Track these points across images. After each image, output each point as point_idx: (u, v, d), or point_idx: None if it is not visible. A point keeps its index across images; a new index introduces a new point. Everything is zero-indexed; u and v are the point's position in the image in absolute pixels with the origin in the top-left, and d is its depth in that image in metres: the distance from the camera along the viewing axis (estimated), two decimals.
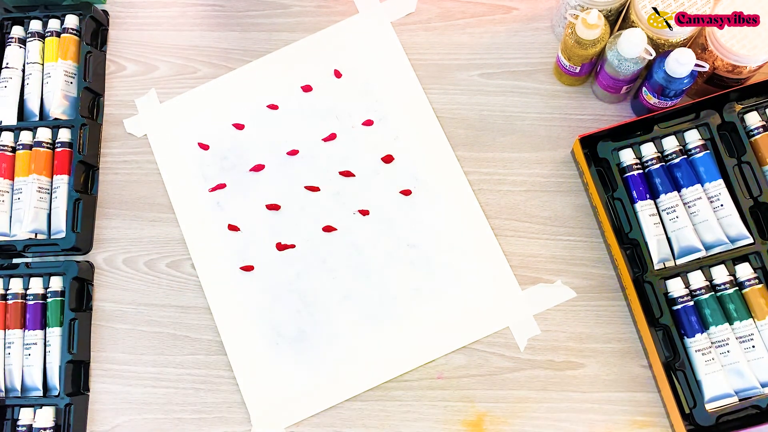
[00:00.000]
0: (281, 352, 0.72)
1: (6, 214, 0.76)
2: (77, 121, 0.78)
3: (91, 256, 0.77)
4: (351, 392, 0.70)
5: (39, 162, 0.77)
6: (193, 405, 0.72)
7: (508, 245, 0.72)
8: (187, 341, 0.74)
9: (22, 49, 0.82)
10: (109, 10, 0.85)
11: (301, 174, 0.77)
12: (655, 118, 0.68)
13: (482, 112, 0.76)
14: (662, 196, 0.67)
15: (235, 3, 0.83)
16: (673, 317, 0.65)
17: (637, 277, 0.66)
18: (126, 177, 0.80)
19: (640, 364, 0.69)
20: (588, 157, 0.70)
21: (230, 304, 0.74)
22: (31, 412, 0.72)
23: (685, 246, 0.66)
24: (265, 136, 0.78)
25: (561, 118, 0.75)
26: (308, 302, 0.73)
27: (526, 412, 0.69)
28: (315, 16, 0.81)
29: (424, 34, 0.79)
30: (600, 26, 0.65)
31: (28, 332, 0.73)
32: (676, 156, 0.68)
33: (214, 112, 0.80)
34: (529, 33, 0.78)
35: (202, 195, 0.77)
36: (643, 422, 0.67)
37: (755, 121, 0.68)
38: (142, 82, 0.82)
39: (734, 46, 0.63)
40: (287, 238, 0.75)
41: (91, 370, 0.74)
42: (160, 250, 0.77)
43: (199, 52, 0.82)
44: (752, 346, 0.63)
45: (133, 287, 0.76)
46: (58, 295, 0.74)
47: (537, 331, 0.70)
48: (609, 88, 0.71)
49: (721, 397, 0.63)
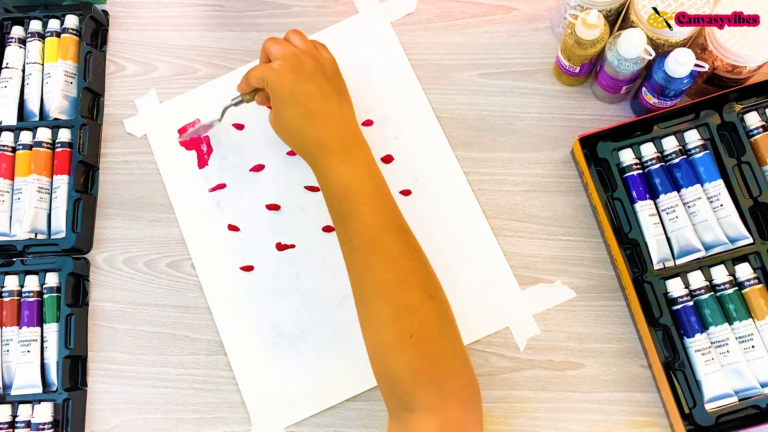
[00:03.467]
0: (281, 352, 0.72)
1: (6, 214, 0.76)
2: (77, 121, 0.78)
3: (91, 256, 0.77)
4: (351, 392, 0.70)
5: (39, 162, 0.77)
6: (193, 405, 0.72)
7: (508, 245, 0.72)
8: (187, 341, 0.74)
9: (22, 49, 0.82)
10: (109, 10, 0.85)
11: (301, 174, 0.77)
12: (655, 118, 0.68)
13: (482, 112, 0.76)
14: (662, 196, 0.67)
15: (235, 3, 0.83)
16: (673, 317, 0.65)
17: (637, 277, 0.66)
18: (126, 177, 0.80)
19: (640, 364, 0.69)
20: (588, 157, 0.70)
21: (230, 304, 0.74)
22: (30, 408, 0.72)
23: (685, 246, 0.66)
24: (265, 136, 0.78)
25: (561, 118, 0.75)
26: (308, 302, 0.73)
27: (526, 412, 0.69)
28: (315, 16, 0.81)
29: (424, 34, 0.79)
30: (600, 26, 0.65)
31: (25, 329, 0.73)
32: (675, 156, 0.68)
33: (214, 112, 0.79)
34: (529, 33, 0.78)
35: (202, 195, 0.77)
36: (643, 422, 0.67)
37: (755, 121, 0.68)
38: (142, 82, 0.82)
39: (734, 46, 0.64)
40: (287, 238, 0.75)
41: (90, 368, 0.75)
42: (160, 250, 0.77)
43: (199, 52, 0.82)
44: (752, 346, 0.63)
45: (133, 287, 0.76)
46: (54, 291, 0.74)
47: (537, 331, 0.70)
48: (609, 88, 0.71)
49: (721, 397, 0.63)
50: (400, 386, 0.56)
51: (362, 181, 0.62)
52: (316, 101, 0.64)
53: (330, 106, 0.64)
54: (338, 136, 0.63)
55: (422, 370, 0.55)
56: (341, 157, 0.62)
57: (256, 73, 0.66)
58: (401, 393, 0.56)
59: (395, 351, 0.57)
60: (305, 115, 0.63)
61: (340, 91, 0.67)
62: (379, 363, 0.58)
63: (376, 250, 0.59)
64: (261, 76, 0.65)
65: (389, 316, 0.58)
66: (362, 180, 0.62)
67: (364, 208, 0.61)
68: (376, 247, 0.60)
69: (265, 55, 0.67)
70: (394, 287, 0.58)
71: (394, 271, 0.58)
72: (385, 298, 0.58)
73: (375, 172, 0.63)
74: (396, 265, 0.59)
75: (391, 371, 0.57)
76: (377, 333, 0.58)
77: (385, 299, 0.58)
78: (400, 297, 0.58)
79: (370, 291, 0.59)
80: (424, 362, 0.56)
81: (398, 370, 0.56)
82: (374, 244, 0.60)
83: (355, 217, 0.61)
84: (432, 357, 0.56)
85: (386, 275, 0.58)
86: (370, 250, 0.60)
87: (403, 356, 0.56)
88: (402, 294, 0.58)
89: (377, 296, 0.59)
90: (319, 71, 0.65)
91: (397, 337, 0.56)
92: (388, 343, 0.57)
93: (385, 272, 0.59)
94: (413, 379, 0.55)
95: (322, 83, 0.65)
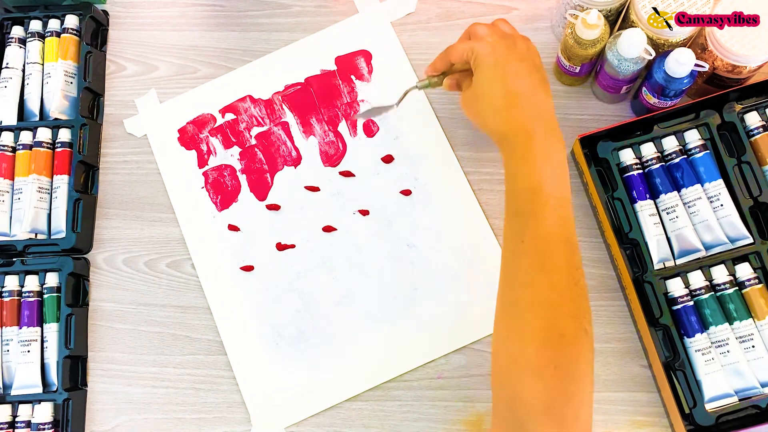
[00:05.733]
0: (281, 352, 0.72)
1: (6, 214, 0.76)
2: (77, 121, 0.78)
3: (91, 256, 0.77)
4: (351, 392, 0.70)
5: (39, 162, 0.77)
6: (193, 405, 0.72)
7: None
8: (187, 341, 0.74)
9: (22, 49, 0.82)
10: (109, 10, 0.85)
11: (301, 174, 0.77)
12: (655, 118, 0.68)
13: None
14: (662, 196, 0.67)
15: (235, 3, 0.83)
16: (673, 317, 0.65)
17: (637, 277, 0.66)
18: (126, 177, 0.80)
19: (640, 364, 0.69)
20: (588, 157, 0.70)
21: (230, 304, 0.74)
22: (30, 408, 0.72)
23: (685, 246, 0.66)
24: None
25: (561, 118, 0.75)
26: (308, 302, 0.73)
27: None
28: (315, 16, 0.81)
29: (424, 34, 0.79)
30: (600, 26, 0.65)
31: (25, 329, 0.73)
32: (676, 156, 0.68)
33: (214, 113, 0.80)
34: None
35: (202, 195, 0.77)
36: (643, 422, 0.67)
37: (755, 121, 0.68)
38: (142, 82, 0.82)
39: (734, 46, 0.63)
40: (287, 238, 0.75)
41: (90, 368, 0.75)
42: (160, 250, 0.77)
43: (199, 52, 0.82)
44: (752, 346, 0.63)
45: (133, 287, 0.76)
46: (54, 291, 0.74)
47: None
48: (609, 88, 0.71)
49: (721, 397, 0.63)
50: (525, 411, 0.53)
51: (556, 182, 0.58)
52: (526, 83, 0.60)
53: (538, 92, 0.61)
54: (543, 126, 0.59)
55: (554, 406, 0.52)
56: (542, 150, 0.58)
57: (465, 45, 0.62)
58: (523, 418, 0.53)
59: (533, 376, 0.53)
60: (513, 94, 0.60)
61: (546, 83, 0.63)
62: (509, 379, 0.55)
63: (546, 263, 0.55)
64: (471, 47, 0.62)
65: (539, 338, 0.53)
66: (556, 181, 0.58)
67: (548, 214, 0.56)
68: (549, 261, 0.55)
69: (468, 35, 0.65)
70: (555, 309, 0.54)
71: (559, 292, 0.55)
72: (541, 317, 0.54)
73: (566, 177, 0.59)
74: (563, 287, 0.55)
75: (521, 393, 0.53)
76: (519, 349, 0.54)
77: (540, 318, 0.54)
78: (558, 322, 0.54)
79: (526, 303, 0.55)
80: (559, 399, 0.52)
81: (529, 397, 0.53)
82: (547, 256, 0.56)
83: (536, 220, 0.56)
84: (568, 396, 0.53)
85: (551, 294, 0.54)
86: (541, 262, 0.55)
87: (540, 384, 0.52)
88: (560, 319, 0.54)
89: (533, 312, 0.55)
90: (530, 56, 0.63)
91: (540, 363, 0.53)
92: (528, 364, 0.53)
93: (550, 290, 0.55)
94: (542, 412, 0.52)
95: (532, 67, 0.62)
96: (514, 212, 0.59)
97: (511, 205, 0.59)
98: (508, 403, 0.55)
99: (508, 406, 0.55)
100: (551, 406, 0.52)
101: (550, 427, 0.52)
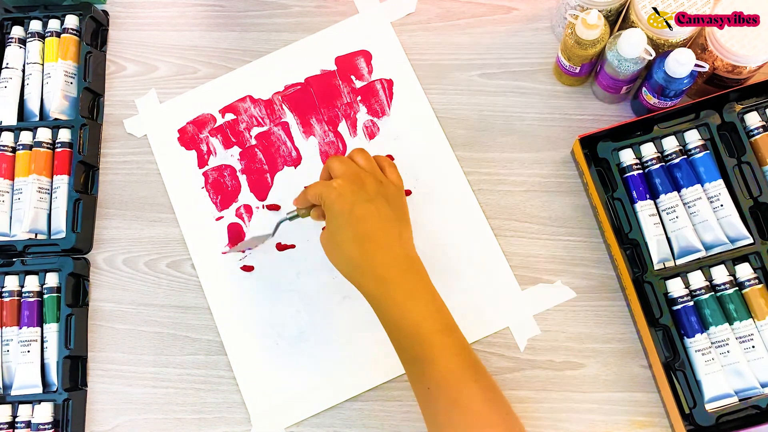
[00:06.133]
0: (281, 352, 0.72)
1: (6, 214, 0.76)
2: (77, 121, 0.78)
3: (91, 256, 0.77)
4: (351, 392, 0.70)
5: (39, 162, 0.77)
6: (193, 405, 0.72)
7: (508, 245, 0.72)
8: (187, 341, 0.74)
9: (22, 50, 0.82)
10: (109, 10, 0.85)
11: (301, 174, 0.77)
12: (655, 118, 0.68)
13: (482, 112, 0.76)
14: (662, 196, 0.67)
15: (235, 3, 0.83)
16: (673, 317, 0.65)
17: (637, 278, 0.66)
18: (126, 177, 0.80)
19: (640, 364, 0.69)
20: (588, 158, 0.70)
21: (230, 304, 0.74)
22: (30, 408, 0.72)
23: (685, 246, 0.66)
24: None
25: (561, 118, 0.75)
26: (308, 302, 0.73)
27: (526, 412, 0.68)
28: (315, 16, 0.81)
29: (424, 34, 0.79)
30: (600, 26, 0.65)
31: (25, 329, 0.73)
32: (676, 156, 0.68)
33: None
34: (529, 33, 0.78)
35: (202, 195, 0.77)
36: (643, 422, 0.67)
37: (755, 122, 0.68)
38: (142, 82, 0.82)
39: (734, 46, 0.63)
40: (287, 238, 0.75)
41: (90, 368, 0.75)
42: (160, 250, 0.77)
43: (199, 52, 0.82)
44: (752, 346, 0.63)
45: (133, 287, 0.76)
46: (54, 291, 0.74)
47: (537, 332, 0.70)
48: (609, 88, 0.71)
49: (721, 397, 0.63)
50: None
51: (431, 318, 0.58)
52: (374, 225, 0.60)
53: (388, 232, 0.60)
54: (397, 267, 0.59)
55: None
56: (404, 291, 0.59)
57: (315, 189, 0.62)
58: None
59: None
60: (361, 239, 0.59)
61: (401, 215, 0.63)
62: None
63: (457, 404, 0.56)
64: (319, 193, 0.61)
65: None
66: (431, 317, 0.58)
67: (438, 353, 0.57)
68: (458, 399, 0.56)
69: (327, 172, 0.64)
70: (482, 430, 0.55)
71: (478, 426, 0.55)
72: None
73: (440, 305, 0.59)
74: (478, 419, 0.55)
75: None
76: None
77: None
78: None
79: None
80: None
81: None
82: (455, 395, 0.56)
83: (429, 363, 0.56)
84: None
85: (474, 422, 0.55)
86: (451, 404, 0.56)
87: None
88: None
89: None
90: (381, 193, 0.62)
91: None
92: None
93: (468, 428, 0.55)
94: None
95: (381, 206, 0.61)
96: (407, 360, 0.59)
97: (401, 352, 0.59)
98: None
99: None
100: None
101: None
